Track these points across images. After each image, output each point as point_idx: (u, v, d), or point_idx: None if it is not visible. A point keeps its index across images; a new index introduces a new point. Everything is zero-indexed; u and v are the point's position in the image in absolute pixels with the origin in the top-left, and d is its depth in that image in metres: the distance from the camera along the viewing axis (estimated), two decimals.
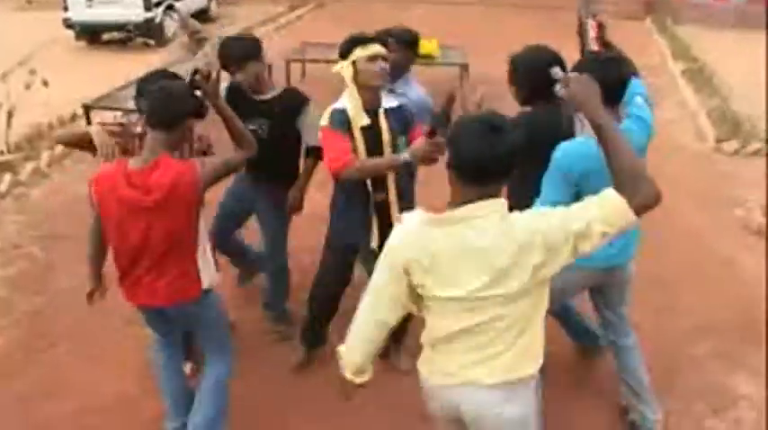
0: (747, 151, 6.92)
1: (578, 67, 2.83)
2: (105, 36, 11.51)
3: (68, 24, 11.01)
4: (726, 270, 4.96)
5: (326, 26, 12.76)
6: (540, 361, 2.29)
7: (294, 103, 3.80)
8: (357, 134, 3.28)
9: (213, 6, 13.20)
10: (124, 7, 10.67)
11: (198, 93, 2.92)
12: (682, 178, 6.44)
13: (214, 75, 2.88)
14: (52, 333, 4.28)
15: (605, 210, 2.04)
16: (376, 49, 3.22)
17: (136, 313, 4.21)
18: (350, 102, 3.30)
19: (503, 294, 2.12)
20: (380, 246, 3.38)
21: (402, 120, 3.39)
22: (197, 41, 3.24)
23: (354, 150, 3.27)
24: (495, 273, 2.09)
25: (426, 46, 8.54)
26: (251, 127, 3.43)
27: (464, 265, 2.11)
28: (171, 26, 11.38)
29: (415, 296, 2.26)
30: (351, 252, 3.64)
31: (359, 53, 3.20)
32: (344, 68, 3.25)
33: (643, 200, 2.03)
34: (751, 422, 3.60)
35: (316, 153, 3.75)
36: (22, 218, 5.66)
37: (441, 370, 2.32)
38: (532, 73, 3.05)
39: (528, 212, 2.16)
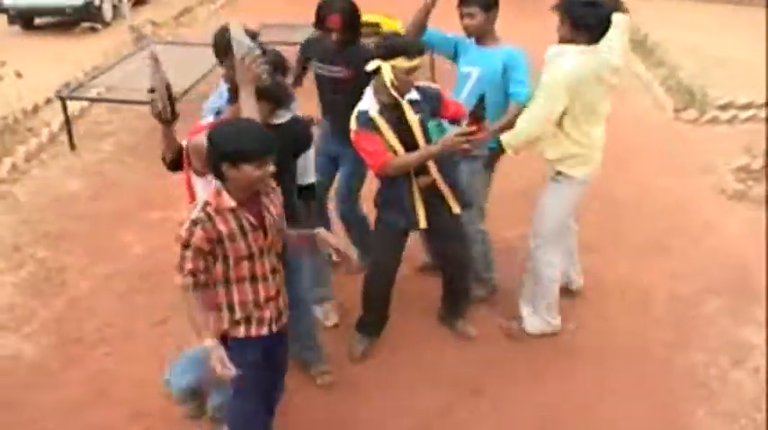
0: (705, 119, 7.38)
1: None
2: (37, 20, 10.97)
3: (1, 8, 10.40)
4: (712, 234, 5.34)
5: (268, 3, 12.55)
6: None
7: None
8: (385, 130, 3.42)
9: None
10: None
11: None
12: (650, 148, 6.83)
13: (251, 59, 2.77)
14: (84, 337, 4.21)
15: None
16: (417, 62, 3.32)
17: (160, 313, 4.30)
18: (374, 101, 3.44)
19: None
20: (429, 227, 3.65)
21: (426, 104, 3.52)
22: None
23: (388, 145, 3.43)
24: (616, 70, 3.61)
25: (390, 24, 8.61)
26: None
27: (604, 72, 3.55)
28: (109, 9, 10.96)
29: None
30: (399, 236, 3.81)
31: (401, 63, 3.29)
32: (383, 70, 3.32)
33: None
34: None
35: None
36: (13, 218, 5.46)
37: (597, 160, 3.80)
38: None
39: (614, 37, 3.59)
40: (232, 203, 2.59)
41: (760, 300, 4.49)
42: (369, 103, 3.46)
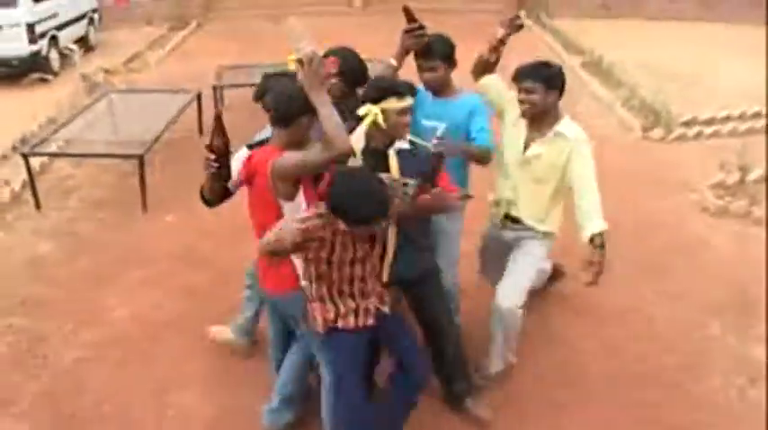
0: (672, 137, 7.51)
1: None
2: None
3: None
4: (704, 252, 5.39)
5: (217, 45, 12.46)
6: None
7: None
8: None
9: (92, 33, 12.42)
10: (7, 41, 9.75)
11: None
12: (624, 169, 6.89)
13: (315, 62, 2.76)
14: (79, 414, 3.91)
15: None
16: (408, 102, 3.21)
17: (157, 383, 4.08)
18: (362, 139, 3.29)
19: None
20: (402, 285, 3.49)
21: (417, 163, 3.27)
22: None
23: None
24: None
25: None
26: None
27: None
28: (56, 59, 10.65)
29: None
30: None
31: (392, 104, 3.16)
32: (371, 113, 3.17)
33: None
34: None
35: None
36: None
37: None
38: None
39: None
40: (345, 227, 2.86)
41: (762, 317, 4.52)
42: (356, 140, 3.26)
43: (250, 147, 3.25)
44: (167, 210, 6.22)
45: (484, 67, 3.80)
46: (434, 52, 3.67)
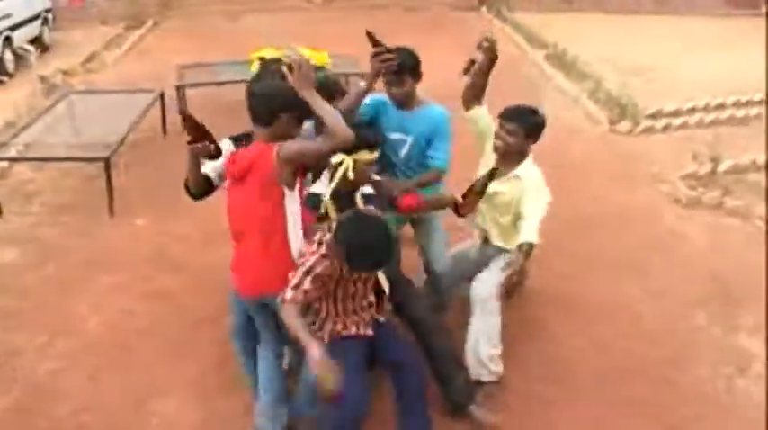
0: (640, 130, 7.57)
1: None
2: None
3: None
4: (681, 245, 5.42)
5: (174, 43, 12.16)
6: None
7: None
8: (334, 217, 3.36)
9: (46, 33, 12.03)
10: None
11: None
12: (593, 162, 6.93)
13: (305, 66, 2.84)
14: (58, 425, 3.73)
15: None
16: (376, 154, 3.37)
17: (138, 391, 3.96)
18: (328, 186, 3.39)
19: None
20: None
21: (380, 197, 3.53)
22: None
23: None
24: None
25: (317, 57, 8.41)
26: None
27: None
28: (11, 60, 10.29)
29: None
30: None
31: (364, 156, 3.30)
32: (345, 163, 3.30)
33: None
34: None
35: None
36: None
37: None
38: None
39: None
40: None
41: (744, 307, 4.57)
42: (323, 187, 3.42)
43: (234, 140, 3.30)
44: (135, 213, 6.03)
45: (473, 93, 3.84)
46: (404, 69, 3.73)
